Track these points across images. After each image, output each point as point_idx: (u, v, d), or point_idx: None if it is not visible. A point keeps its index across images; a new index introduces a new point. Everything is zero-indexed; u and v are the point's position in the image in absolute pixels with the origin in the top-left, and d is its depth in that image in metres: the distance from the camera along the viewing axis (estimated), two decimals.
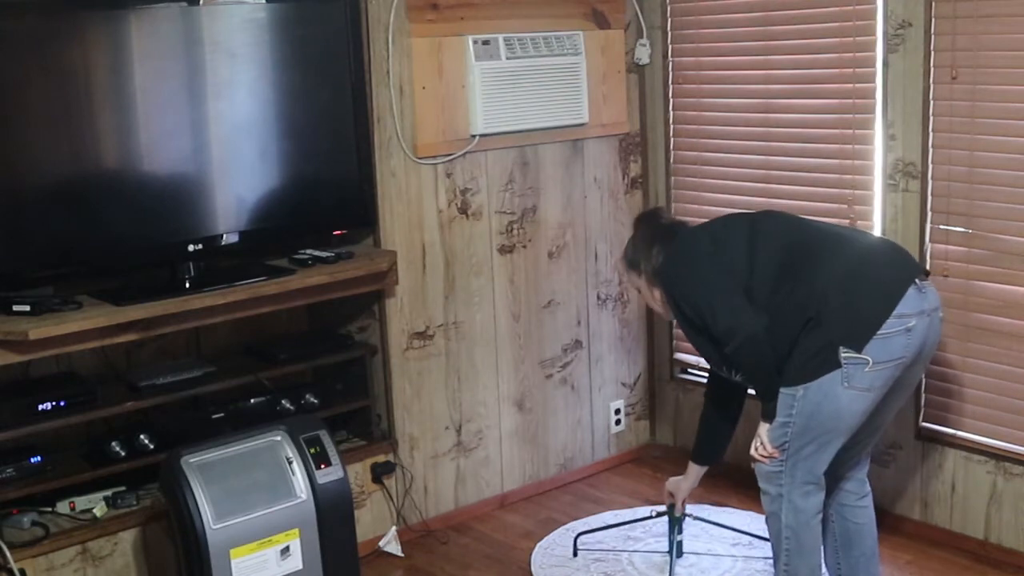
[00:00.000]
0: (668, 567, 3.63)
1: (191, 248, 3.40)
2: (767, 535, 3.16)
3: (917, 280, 2.89)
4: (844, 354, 2.83)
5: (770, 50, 4.03)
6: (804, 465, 2.94)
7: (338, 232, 3.80)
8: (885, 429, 3.12)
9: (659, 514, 3.78)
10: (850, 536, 3.16)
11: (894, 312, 2.81)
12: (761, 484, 3.05)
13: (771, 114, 4.05)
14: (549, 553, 3.85)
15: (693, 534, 3.80)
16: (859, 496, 3.15)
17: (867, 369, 2.81)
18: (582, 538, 3.87)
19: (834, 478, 3.11)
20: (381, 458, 3.92)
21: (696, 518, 3.76)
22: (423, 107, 3.85)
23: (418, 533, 4.01)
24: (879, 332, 2.81)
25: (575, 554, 3.81)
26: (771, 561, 3.25)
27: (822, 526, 3.10)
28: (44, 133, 3.16)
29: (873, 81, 3.73)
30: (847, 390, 2.83)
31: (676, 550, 3.66)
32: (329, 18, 3.59)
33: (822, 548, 3.08)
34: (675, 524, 3.64)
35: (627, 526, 3.96)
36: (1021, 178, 3.45)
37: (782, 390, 2.92)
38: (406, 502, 4.00)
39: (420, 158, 3.87)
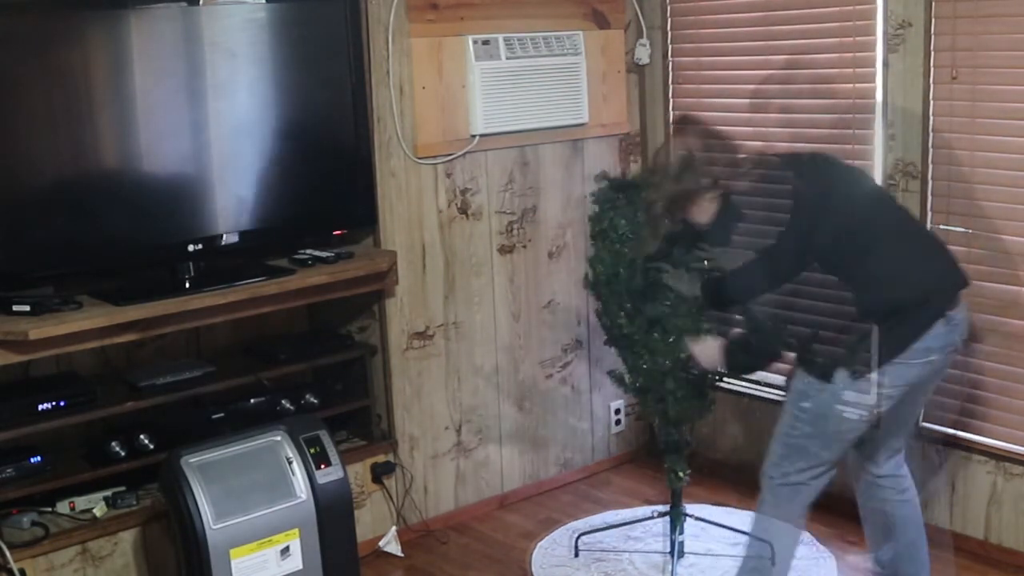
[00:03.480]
0: (668, 567, 3.63)
1: (191, 248, 3.40)
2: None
3: (947, 312, 2.92)
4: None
5: (770, 50, 4.03)
6: (805, 458, 3.00)
7: (338, 232, 3.79)
8: (912, 426, 3.20)
9: (659, 514, 3.78)
10: (891, 527, 3.23)
11: (918, 346, 2.87)
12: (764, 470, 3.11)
13: (771, 114, 4.05)
14: (549, 553, 3.85)
15: (693, 534, 3.80)
16: (898, 491, 3.20)
17: (879, 388, 2.89)
18: (582, 538, 3.87)
19: (865, 471, 3.19)
20: (381, 458, 3.92)
21: (696, 518, 3.76)
22: (423, 107, 3.85)
23: (418, 533, 4.01)
24: (899, 358, 2.88)
25: (576, 554, 3.81)
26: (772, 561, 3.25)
27: (862, 512, 3.24)
28: (44, 133, 3.16)
29: (873, 81, 3.72)
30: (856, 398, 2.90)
31: (676, 550, 3.66)
32: (329, 18, 3.59)
33: (793, 553, 3.15)
34: (675, 524, 3.65)
35: (627, 526, 3.96)
36: (1021, 178, 3.45)
37: (806, 377, 2.97)
38: (406, 502, 4.00)
39: (420, 158, 3.87)
